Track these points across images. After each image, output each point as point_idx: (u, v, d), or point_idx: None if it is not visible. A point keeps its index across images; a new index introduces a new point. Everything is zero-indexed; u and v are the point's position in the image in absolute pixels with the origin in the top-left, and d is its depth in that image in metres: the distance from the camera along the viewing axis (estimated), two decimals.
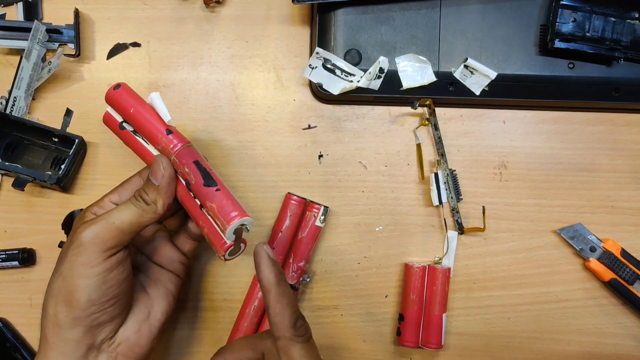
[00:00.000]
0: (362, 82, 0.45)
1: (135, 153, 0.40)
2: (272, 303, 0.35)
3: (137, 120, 0.38)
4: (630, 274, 0.46)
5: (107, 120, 0.40)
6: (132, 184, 0.39)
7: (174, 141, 0.37)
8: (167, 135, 0.37)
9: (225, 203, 0.35)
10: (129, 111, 0.38)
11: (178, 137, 0.38)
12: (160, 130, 0.37)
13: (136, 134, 0.39)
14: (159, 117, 0.38)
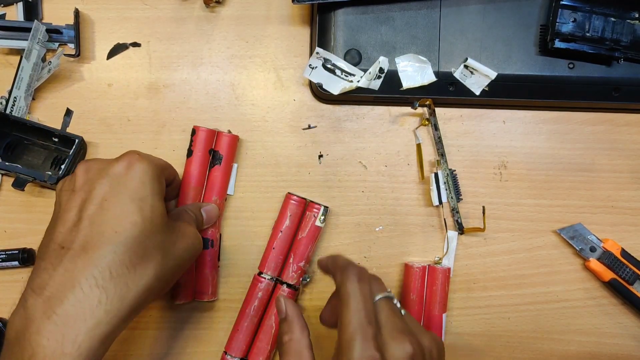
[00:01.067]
0: (362, 82, 0.45)
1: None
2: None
3: None
4: (630, 274, 0.46)
5: None
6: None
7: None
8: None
9: None
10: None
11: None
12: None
13: None
14: None
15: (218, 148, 0.46)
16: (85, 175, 0.36)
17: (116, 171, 0.35)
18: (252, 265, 0.47)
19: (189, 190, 0.45)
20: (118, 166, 0.35)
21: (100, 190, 0.34)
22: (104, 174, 0.35)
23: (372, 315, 0.33)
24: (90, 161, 0.37)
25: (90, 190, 0.35)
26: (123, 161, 0.36)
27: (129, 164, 0.35)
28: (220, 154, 0.46)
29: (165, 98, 0.48)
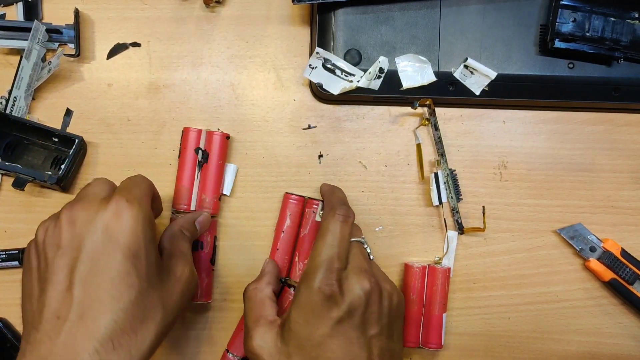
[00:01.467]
0: (362, 82, 0.45)
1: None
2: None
3: None
4: (630, 274, 0.46)
5: None
6: None
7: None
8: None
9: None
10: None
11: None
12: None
13: None
14: None
15: (208, 147, 0.46)
16: (71, 228, 0.33)
17: (105, 223, 0.33)
18: (252, 265, 0.47)
19: (181, 190, 0.46)
20: (106, 216, 0.33)
21: (90, 247, 0.32)
22: (92, 227, 0.33)
23: (343, 255, 0.37)
24: (75, 208, 0.34)
25: (78, 247, 0.32)
26: (110, 209, 0.33)
27: (118, 213, 0.33)
28: (207, 152, 0.46)
29: (165, 98, 0.48)
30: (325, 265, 0.36)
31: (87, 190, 0.37)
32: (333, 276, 0.36)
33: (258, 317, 0.39)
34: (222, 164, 0.47)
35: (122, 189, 0.35)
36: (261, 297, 0.40)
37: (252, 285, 0.42)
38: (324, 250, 0.37)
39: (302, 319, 0.36)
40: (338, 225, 0.38)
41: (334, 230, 0.38)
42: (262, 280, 0.42)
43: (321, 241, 0.38)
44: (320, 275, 0.36)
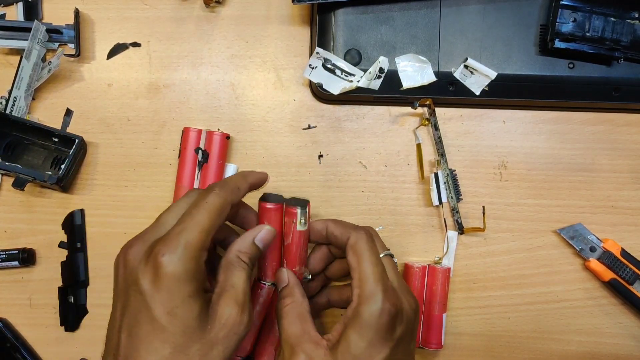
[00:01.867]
0: (362, 82, 0.45)
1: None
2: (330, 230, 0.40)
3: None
4: (630, 274, 0.46)
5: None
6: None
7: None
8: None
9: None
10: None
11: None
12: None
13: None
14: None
15: (208, 147, 0.46)
16: (124, 271, 0.33)
17: (144, 278, 0.31)
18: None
19: (181, 190, 0.46)
20: (147, 271, 0.31)
21: (133, 297, 0.32)
22: (135, 277, 0.32)
23: (384, 268, 0.37)
24: (129, 252, 0.33)
25: (126, 293, 0.32)
26: (150, 265, 0.31)
27: (155, 270, 0.31)
28: (207, 152, 0.46)
29: (165, 98, 0.48)
30: (383, 285, 0.35)
31: (160, 219, 0.35)
32: (394, 294, 0.36)
33: (300, 334, 0.36)
34: (222, 164, 0.47)
35: (173, 233, 0.33)
36: (300, 312, 0.38)
37: (288, 299, 0.38)
38: (374, 269, 0.36)
39: (366, 341, 0.34)
40: (371, 243, 0.38)
41: (370, 248, 0.37)
42: (296, 292, 0.39)
43: (366, 261, 0.36)
44: (383, 295, 0.35)
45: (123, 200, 0.48)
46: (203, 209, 0.33)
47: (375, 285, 0.35)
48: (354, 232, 0.38)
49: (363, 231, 0.38)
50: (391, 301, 0.35)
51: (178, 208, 0.35)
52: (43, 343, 0.47)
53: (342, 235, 0.39)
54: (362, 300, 0.35)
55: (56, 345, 0.47)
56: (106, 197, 0.48)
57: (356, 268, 0.36)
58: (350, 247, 0.38)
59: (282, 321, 0.37)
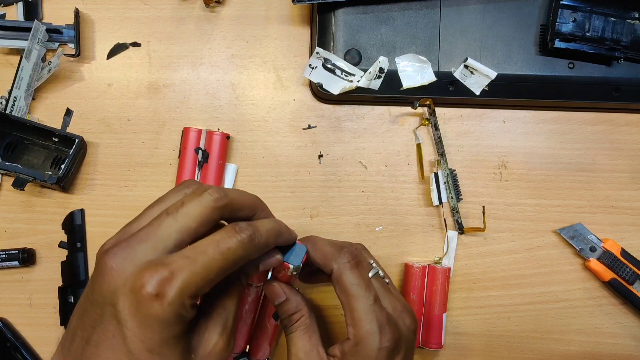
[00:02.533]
0: (362, 82, 0.45)
1: None
2: (312, 254, 0.37)
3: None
4: (630, 274, 0.46)
5: None
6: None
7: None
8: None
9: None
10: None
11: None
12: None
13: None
14: None
15: (208, 147, 0.46)
16: (100, 285, 0.28)
17: (121, 316, 0.27)
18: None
19: None
20: (126, 308, 0.27)
21: (102, 328, 0.27)
22: (109, 307, 0.27)
23: (376, 295, 0.35)
24: (109, 260, 0.28)
25: (95, 318, 0.28)
26: (132, 300, 0.26)
27: (140, 308, 0.26)
28: (207, 152, 0.46)
29: (165, 98, 0.48)
30: (378, 322, 0.34)
31: (148, 230, 0.29)
32: (390, 327, 0.34)
33: (309, 350, 0.36)
34: (222, 164, 0.47)
35: (173, 267, 0.27)
36: (308, 326, 0.37)
37: (297, 314, 0.37)
38: (365, 304, 0.34)
39: None
40: (356, 273, 0.35)
41: (357, 280, 0.35)
42: (302, 305, 0.37)
43: (356, 298, 0.34)
44: (379, 334, 0.34)
45: (123, 200, 0.48)
46: (219, 255, 0.28)
47: (370, 324, 0.34)
48: (335, 262, 0.35)
49: (346, 258, 0.35)
50: (388, 337, 0.34)
51: (170, 201, 0.31)
52: (43, 343, 0.47)
53: (324, 265, 0.36)
54: (359, 340, 0.34)
55: (56, 345, 0.47)
56: (106, 197, 0.48)
57: (347, 305, 0.35)
58: (335, 282, 0.35)
59: (291, 335, 0.37)
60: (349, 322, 0.35)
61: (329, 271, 0.36)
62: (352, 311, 0.34)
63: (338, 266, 0.35)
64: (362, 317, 0.34)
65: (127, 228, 0.30)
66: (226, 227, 0.30)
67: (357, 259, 0.36)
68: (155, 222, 0.29)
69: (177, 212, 0.29)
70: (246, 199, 0.33)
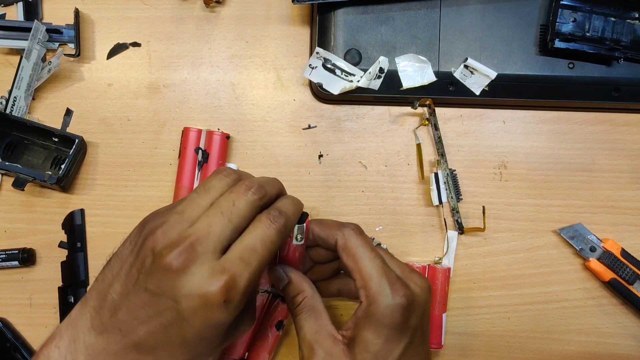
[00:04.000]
0: (362, 82, 0.45)
1: None
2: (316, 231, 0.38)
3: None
4: (630, 274, 0.46)
5: None
6: None
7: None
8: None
9: None
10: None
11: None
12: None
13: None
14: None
15: (208, 147, 0.46)
16: (150, 266, 0.29)
17: (182, 311, 0.29)
18: None
19: (181, 190, 0.46)
20: (190, 308, 0.28)
21: (159, 305, 0.29)
22: (166, 296, 0.29)
23: (382, 258, 0.36)
24: (165, 252, 0.29)
25: (152, 296, 0.29)
26: (220, 290, 0.28)
27: (205, 312, 0.29)
28: (207, 152, 0.46)
29: (165, 98, 0.48)
30: (388, 279, 0.34)
31: (197, 226, 0.30)
32: (402, 284, 0.34)
33: (316, 330, 0.36)
34: (222, 164, 0.47)
35: (238, 267, 0.29)
36: (313, 306, 0.37)
37: (299, 296, 0.37)
38: (373, 263, 0.35)
39: (382, 339, 0.34)
40: (361, 238, 0.36)
41: (363, 244, 0.36)
42: (305, 286, 0.37)
43: (364, 259, 0.35)
44: (391, 290, 0.34)
45: (123, 200, 0.48)
46: (267, 250, 0.31)
47: (380, 281, 0.34)
48: (340, 232, 0.36)
49: (349, 228, 0.37)
50: (400, 294, 0.34)
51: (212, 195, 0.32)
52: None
53: (328, 237, 0.37)
54: (371, 300, 0.34)
55: None
56: (106, 197, 0.48)
57: (355, 268, 0.35)
58: (342, 249, 0.36)
59: (297, 318, 0.37)
60: (359, 284, 0.35)
61: (333, 242, 0.36)
62: (361, 272, 0.35)
63: (343, 234, 0.36)
64: (372, 276, 0.34)
65: (176, 216, 0.31)
66: (262, 218, 0.32)
67: (360, 229, 0.37)
68: (212, 221, 0.30)
69: (232, 213, 0.31)
70: (276, 188, 0.35)
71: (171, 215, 0.31)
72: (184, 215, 0.31)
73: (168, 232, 0.30)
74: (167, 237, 0.30)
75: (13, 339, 0.46)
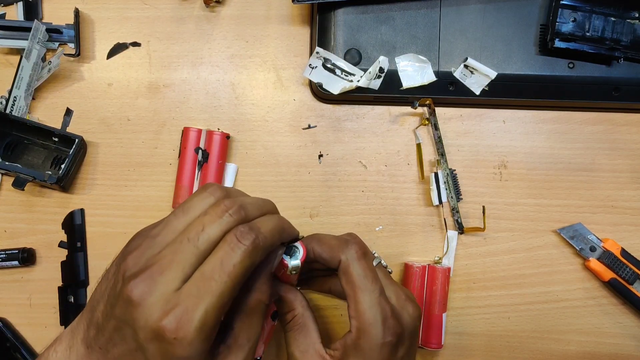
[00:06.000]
0: (362, 82, 0.45)
1: None
2: (317, 250, 0.36)
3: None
4: (630, 274, 0.46)
5: None
6: None
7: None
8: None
9: None
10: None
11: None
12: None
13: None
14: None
15: (208, 146, 0.46)
16: (116, 304, 0.28)
17: (140, 337, 0.27)
18: None
19: (181, 189, 0.46)
20: (143, 332, 0.27)
21: (121, 340, 0.28)
22: (128, 320, 0.28)
23: (381, 287, 0.35)
24: (138, 279, 0.28)
25: (114, 328, 0.29)
26: (171, 326, 0.27)
27: (161, 347, 0.27)
28: (207, 152, 0.46)
29: (165, 98, 0.48)
30: (382, 315, 0.33)
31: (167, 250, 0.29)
32: (394, 320, 0.34)
33: (304, 349, 0.35)
34: (222, 164, 0.47)
35: (188, 304, 0.27)
36: (303, 325, 0.36)
37: (289, 314, 0.37)
38: (371, 297, 0.34)
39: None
40: (363, 264, 0.35)
41: (364, 272, 0.35)
42: (296, 304, 0.37)
43: (363, 291, 0.34)
44: (382, 328, 0.33)
45: (123, 200, 0.48)
46: (227, 277, 0.28)
47: (374, 318, 0.33)
48: (343, 253, 0.35)
49: (353, 249, 0.35)
50: (391, 331, 0.33)
51: (190, 215, 0.30)
52: (43, 343, 0.47)
53: (331, 258, 0.36)
54: (361, 334, 0.33)
55: None
56: (106, 197, 0.48)
57: (352, 297, 0.34)
58: (343, 273, 0.35)
59: (286, 335, 0.37)
60: (352, 314, 0.34)
61: (335, 263, 0.35)
62: (357, 303, 0.34)
63: (346, 257, 0.35)
64: (366, 310, 0.34)
65: (149, 241, 0.30)
66: (227, 238, 0.29)
67: (364, 250, 0.36)
68: (177, 248, 0.28)
69: (198, 239, 0.28)
70: (261, 210, 0.33)
71: (145, 239, 0.30)
72: (156, 240, 0.29)
73: (137, 259, 0.29)
74: (135, 264, 0.29)
75: (13, 339, 0.46)
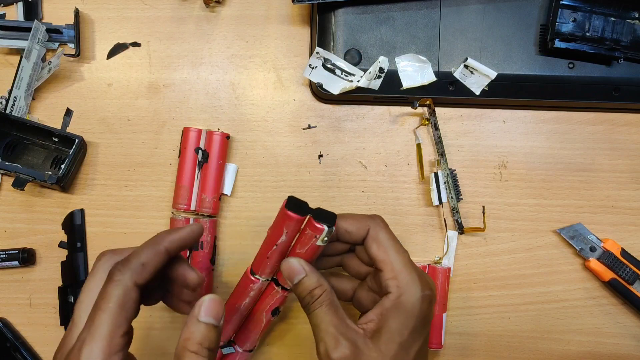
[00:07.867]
0: (362, 82, 0.45)
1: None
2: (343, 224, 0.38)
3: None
4: (630, 274, 0.46)
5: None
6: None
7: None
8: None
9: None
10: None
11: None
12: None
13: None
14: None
15: (208, 147, 0.46)
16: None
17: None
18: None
19: (181, 190, 0.46)
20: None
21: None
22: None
23: (409, 256, 0.38)
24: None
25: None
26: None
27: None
28: (207, 152, 0.46)
29: (165, 98, 0.48)
30: (417, 273, 0.36)
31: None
32: (427, 278, 0.37)
33: (339, 322, 0.36)
34: (222, 164, 0.47)
35: (75, 350, 0.31)
36: (333, 301, 0.37)
37: (318, 289, 0.37)
38: (403, 257, 0.37)
39: (409, 328, 0.35)
40: (390, 231, 0.38)
41: (393, 237, 0.38)
42: (323, 280, 0.37)
43: (396, 252, 0.37)
44: (420, 283, 0.36)
45: (123, 200, 0.48)
46: (102, 310, 0.30)
47: (411, 274, 0.36)
48: (372, 222, 0.38)
49: (379, 219, 0.38)
50: (428, 287, 0.36)
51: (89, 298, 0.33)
52: (43, 343, 0.47)
53: (358, 230, 0.38)
54: (403, 290, 0.35)
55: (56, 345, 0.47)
56: (106, 197, 0.48)
57: (386, 260, 0.36)
58: (373, 240, 0.37)
59: (316, 311, 0.36)
60: (389, 276, 0.36)
61: (362, 234, 0.38)
62: (392, 264, 0.36)
63: (374, 226, 0.38)
64: (403, 268, 0.36)
65: (63, 341, 0.34)
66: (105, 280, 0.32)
67: (385, 222, 0.39)
68: (93, 316, 0.31)
69: (108, 306, 0.31)
70: (147, 257, 0.33)
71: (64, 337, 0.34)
72: (66, 340, 0.33)
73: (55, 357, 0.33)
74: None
75: (13, 339, 0.46)
